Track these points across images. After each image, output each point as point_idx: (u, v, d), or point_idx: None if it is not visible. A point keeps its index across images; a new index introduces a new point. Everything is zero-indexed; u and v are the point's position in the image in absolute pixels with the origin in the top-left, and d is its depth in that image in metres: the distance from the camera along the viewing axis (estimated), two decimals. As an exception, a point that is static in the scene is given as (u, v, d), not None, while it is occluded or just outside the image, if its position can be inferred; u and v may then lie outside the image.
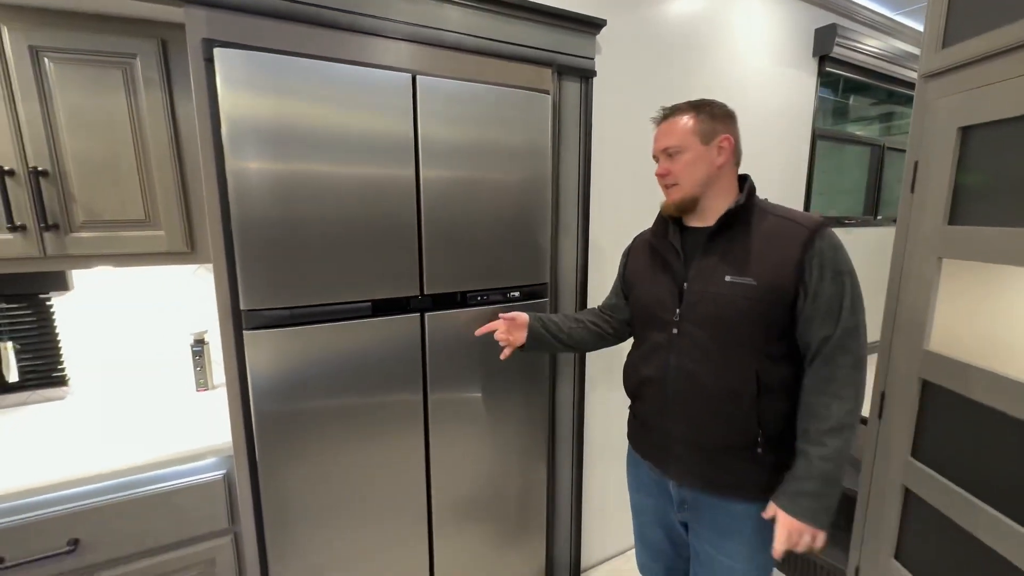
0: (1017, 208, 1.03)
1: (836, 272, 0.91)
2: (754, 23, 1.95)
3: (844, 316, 0.90)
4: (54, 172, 1.06)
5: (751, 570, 1.04)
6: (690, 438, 1.02)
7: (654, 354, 1.06)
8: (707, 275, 0.98)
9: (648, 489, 1.19)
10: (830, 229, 0.95)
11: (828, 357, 0.92)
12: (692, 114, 1.00)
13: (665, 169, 1.01)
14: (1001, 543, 1.05)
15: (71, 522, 1.04)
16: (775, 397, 0.96)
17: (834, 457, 0.90)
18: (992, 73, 1.07)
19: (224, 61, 0.97)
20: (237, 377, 1.12)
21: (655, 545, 1.24)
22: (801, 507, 0.91)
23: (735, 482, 1.00)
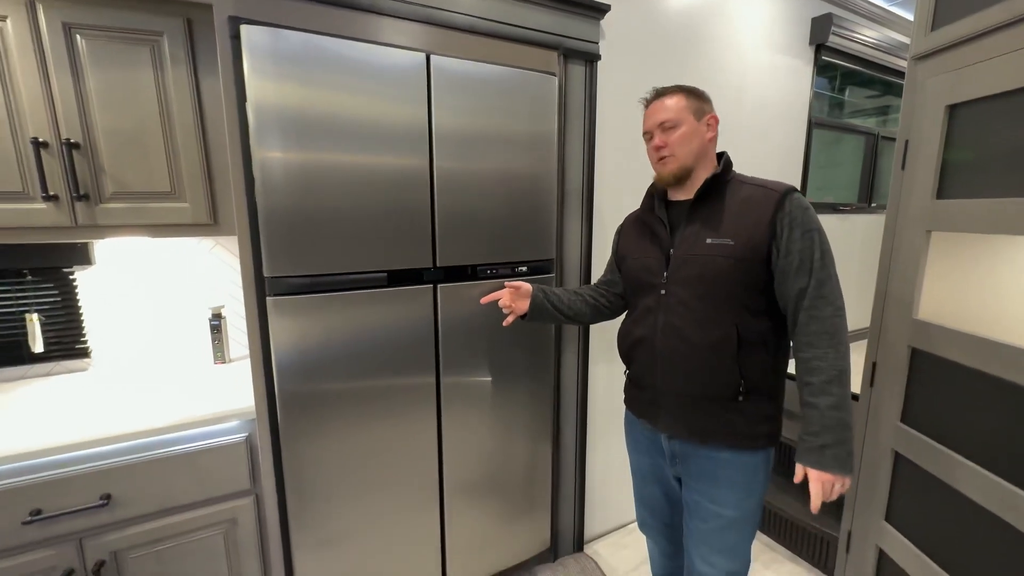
0: (1000, 181, 1.09)
1: (805, 229, 0.98)
2: (752, 12, 2.01)
3: (816, 268, 0.98)
4: (85, 144, 1.11)
5: (739, 517, 1.10)
6: (678, 390, 1.09)
7: (645, 316, 1.14)
8: (690, 240, 1.07)
9: (644, 448, 1.27)
10: (798, 192, 1.02)
11: (810, 310, 0.98)
12: (683, 94, 1.09)
13: (663, 141, 1.08)
14: (979, 493, 1.11)
15: (103, 478, 1.09)
16: (754, 349, 1.03)
17: (841, 403, 0.96)
18: (977, 53, 1.13)
19: (250, 37, 1.02)
20: (259, 342, 1.17)
21: (652, 501, 1.31)
22: (827, 459, 0.96)
23: (721, 430, 1.07)
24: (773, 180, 1.07)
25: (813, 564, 1.82)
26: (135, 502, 1.12)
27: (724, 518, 1.10)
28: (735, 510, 1.09)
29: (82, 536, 1.09)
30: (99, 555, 1.10)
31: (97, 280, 1.45)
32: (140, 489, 1.12)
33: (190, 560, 1.20)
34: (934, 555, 1.24)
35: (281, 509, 1.27)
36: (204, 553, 1.21)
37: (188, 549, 1.19)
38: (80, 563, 1.09)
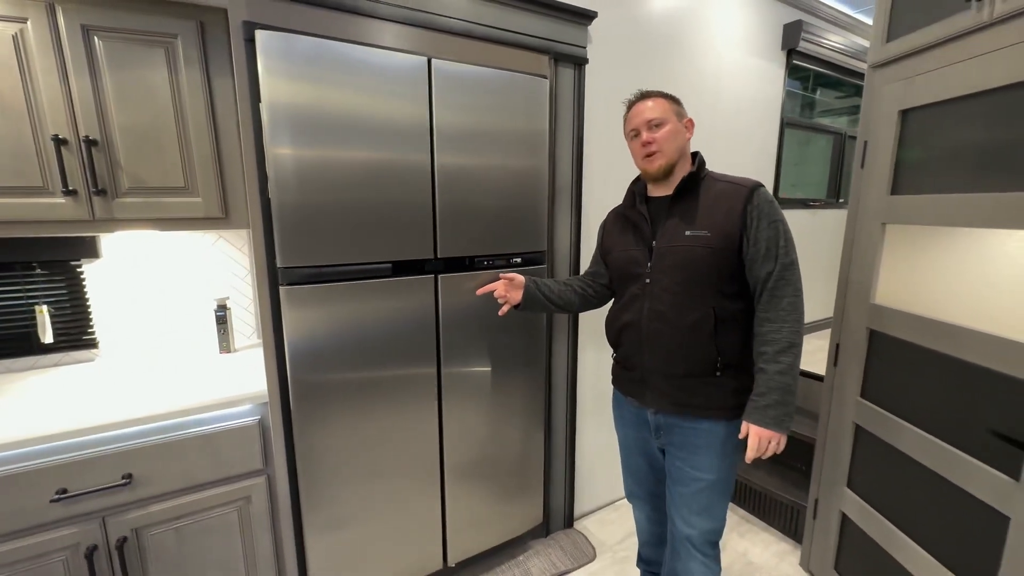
0: (943, 178, 1.23)
1: (771, 220, 1.10)
2: (728, 19, 2.13)
3: (780, 254, 1.09)
4: (103, 142, 1.16)
5: (717, 480, 1.22)
6: (663, 369, 1.19)
7: (632, 303, 1.24)
8: (671, 233, 1.17)
9: (630, 423, 1.39)
10: (764, 187, 1.14)
11: (773, 291, 1.10)
12: (665, 98, 1.20)
13: (651, 138, 1.17)
14: (926, 456, 1.26)
15: (125, 459, 1.15)
16: (729, 329, 1.15)
17: (788, 371, 1.08)
18: (925, 63, 1.26)
19: (264, 41, 1.09)
20: (272, 329, 1.24)
21: (638, 472, 1.43)
22: (768, 417, 1.09)
23: (701, 403, 1.18)
24: (741, 176, 1.19)
25: (785, 533, 1.97)
26: (155, 481, 1.18)
27: (703, 481, 1.22)
28: (712, 474, 1.21)
29: (105, 514, 1.14)
30: (121, 532, 1.16)
31: (104, 273, 1.50)
32: (159, 469, 1.18)
33: (207, 536, 1.26)
34: (888, 514, 1.39)
35: (293, 489, 1.34)
36: (220, 529, 1.28)
37: (205, 526, 1.26)
38: (103, 540, 1.15)
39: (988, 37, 1.10)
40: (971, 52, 1.13)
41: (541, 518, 1.86)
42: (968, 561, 1.15)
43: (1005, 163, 1.08)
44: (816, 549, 1.72)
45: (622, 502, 2.18)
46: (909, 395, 1.33)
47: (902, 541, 1.32)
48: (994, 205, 1.08)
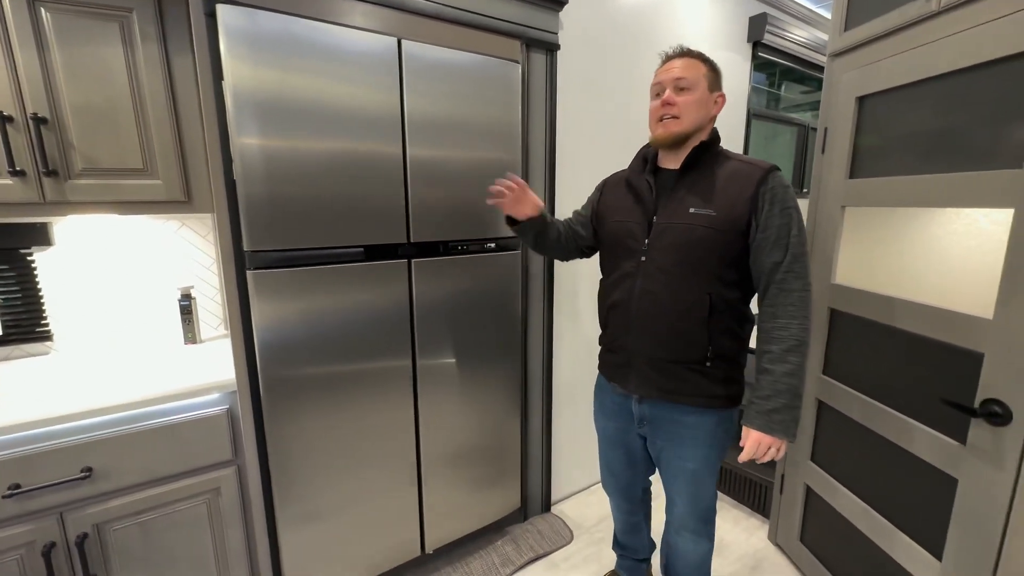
0: (897, 161, 1.29)
1: (784, 206, 1.02)
2: (695, 10, 2.17)
3: (793, 243, 1.02)
4: (53, 120, 1.10)
5: (703, 467, 1.19)
6: (650, 354, 1.13)
7: (623, 280, 1.16)
8: (674, 208, 1.09)
9: (611, 413, 1.33)
10: (780, 171, 1.06)
11: (782, 283, 1.03)
12: (705, 62, 1.10)
13: (672, 99, 1.06)
14: (878, 424, 1.32)
15: (84, 451, 1.10)
16: (723, 316, 1.08)
17: (797, 372, 1.02)
18: (881, 51, 1.32)
19: (225, 17, 1.05)
20: (240, 316, 1.21)
21: (615, 465, 1.40)
22: (774, 422, 1.02)
23: (688, 391, 1.12)
24: (757, 158, 1.11)
25: (754, 509, 2.04)
26: (117, 474, 1.14)
27: (688, 470, 1.19)
28: (697, 463, 1.18)
29: (63, 510, 1.10)
30: (81, 528, 1.12)
31: (58, 262, 1.43)
32: (122, 462, 1.14)
33: (175, 530, 1.22)
34: (849, 484, 1.46)
35: (264, 480, 1.31)
36: (188, 523, 1.24)
37: (172, 519, 1.22)
38: (62, 536, 1.10)
39: (936, 25, 1.15)
40: (921, 40, 1.19)
41: (519, 503, 1.88)
42: (921, 523, 1.22)
43: (951, 146, 1.14)
44: (783, 523, 1.78)
45: (599, 486, 2.21)
46: (867, 369, 1.39)
47: (861, 509, 1.39)
48: (941, 186, 1.14)
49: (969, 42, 1.06)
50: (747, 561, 1.76)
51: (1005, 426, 1.00)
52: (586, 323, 2.03)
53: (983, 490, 1.05)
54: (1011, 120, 1.00)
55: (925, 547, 1.20)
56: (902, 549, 1.26)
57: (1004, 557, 1.02)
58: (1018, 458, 0.98)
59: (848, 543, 1.46)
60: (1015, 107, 0.99)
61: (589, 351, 2.05)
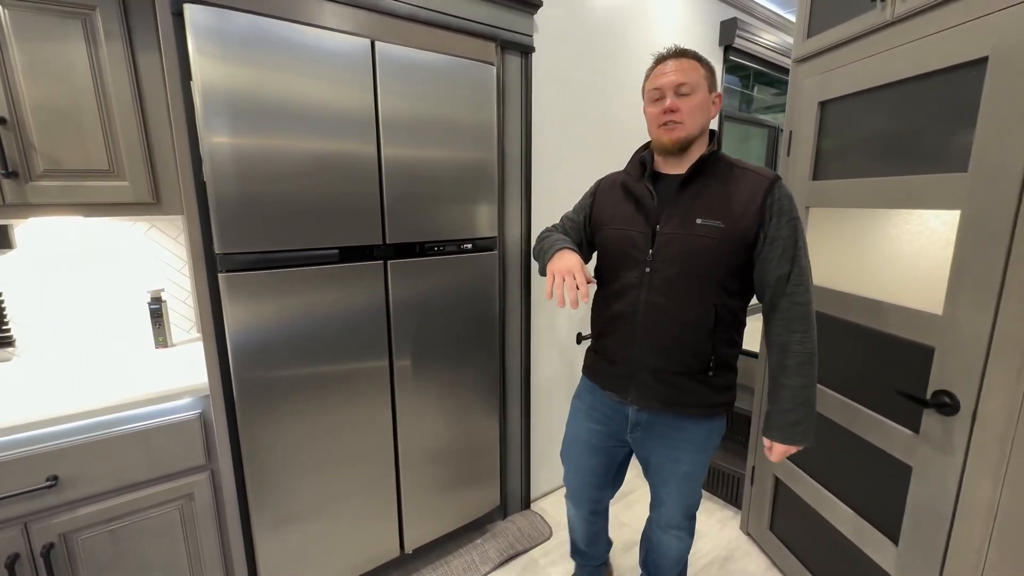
0: (856, 164, 1.34)
1: (790, 217, 1.02)
2: (668, 13, 2.22)
3: (799, 256, 1.02)
4: (12, 120, 1.07)
5: (696, 469, 1.21)
6: (654, 365, 1.11)
7: (626, 292, 1.12)
8: (680, 217, 1.06)
9: (600, 416, 1.27)
10: (782, 181, 1.05)
11: (791, 296, 1.03)
12: (701, 63, 1.05)
13: (676, 106, 1.03)
14: (840, 415, 1.38)
15: (49, 460, 1.08)
16: (726, 327, 1.09)
17: (811, 384, 1.05)
18: (841, 58, 1.37)
19: (193, 17, 1.03)
20: (212, 319, 1.19)
21: (585, 472, 1.34)
22: (796, 434, 1.07)
23: (689, 400, 1.12)
24: (759, 165, 1.09)
25: (727, 501, 2.10)
26: (84, 482, 1.11)
27: (680, 473, 1.21)
28: (691, 466, 1.20)
29: (27, 520, 1.07)
30: (47, 538, 1.09)
31: (19, 266, 1.38)
32: (90, 469, 1.12)
33: (146, 537, 1.20)
34: (814, 474, 1.52)
35: (239, 484, 1.30)
36: (160, 529, 1.22)
37: (143, 526, 1.20)
38: (26, 547, 1.07)
39: (890, 35, 1.21)
40: (876, 49, 1.24)
41: (498, 501, 1.89)
42: (880, 509, 1.28)
43: (904, 150, 1.19)
44: (754, 513, 1.84)
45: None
46: (830, 364, 1.44)
47: (825, 497, 1.45)
48: (895, 188, 1.19)
49: (919, 52, 1.12)
50: (720, 552, 1.81)
51: (953, 415, 1.06)
52: (563, 322, 2.05)
53: (934, 476, 1.11)
54: (957, 127, 1.06)
55: (883, 532, 1.26)
56: (863, 535, 1.32)
57: (954, 539, 1.08)
58: (965, 445, 1.04)
59: (814, 531, 1.52)
60: (960, 115, 1.04)
61: (566, 349, 2.08)
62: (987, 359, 1.00)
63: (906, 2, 1.14)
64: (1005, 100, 0.95)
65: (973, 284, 1.02)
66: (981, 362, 1.01)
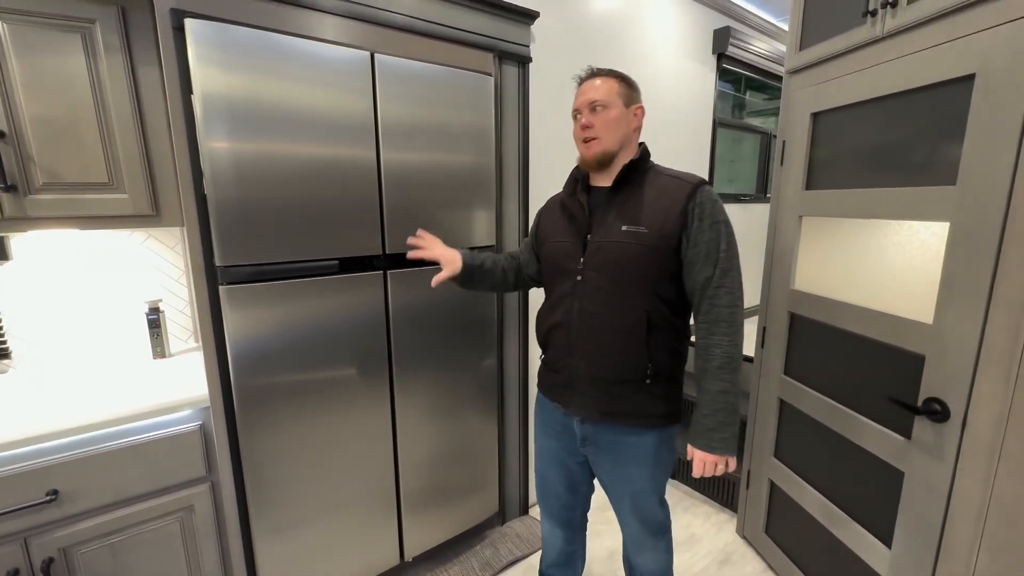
0: (847, 175, 1.37)
1: (713, 221, 1.03)
2: (663, 22, 2.25)
3: (721, 258, 1.03)
4: (11, 134, 1.07)
5: (648, 487, 1.18)
6: (592, 374, 1.12)
7: (561, 302, 1.15)
8: (607, 226, 1.09)
9: (553, 432, 1.28)
10: (709, 185, 1.07)
11: (713, 299, 1.03)
12: (616, 79, 1.10)
13: (590, 122, 1.08)
14: (827, 418, 1.41)
15: (49, 474, 1.07)
16: (662, 334, 1.08)
17: (731, 388, 1.03)
18: (832, 71, 1.40)
19: (196, 32, 1.04)
20: (212, 332, 1.19)
21: (552, 486, 1.33)
22: (715, 441, 1.04)
23: (630, 411, 1.11)
24: (687, 172, 1.11)
25: (723, 504, 2.12)
26: (85, 496, 1.11)
27: (632, 491, 1.18)
28: (646, 481, 1.17)
29: (27, 535, 1.06)
30: (47, 553, 1.08)
31: (15, 277, 1.37)
32: (89, 483, 1.11)
33: (147, 550, 1.20)
34: (808, 478, 1.54)
35: (239, 495, 1.30)
36: (160, 542, 1.22)
37: (143, 539, 1.19)
38: (25, 562, 1.07)
39: (881, 49, 1.23)
40: (867, 63, 1.27)
41: (497, 507, 1.90)
42: (873, 513, 1.31)
43: (894, 162, 1.22)
44: (749, 516, 1.87)
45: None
46: (823, 370, 1.48)
47: (819, 501, 1.47)
48: (885, 199, 1.22)
49: (909, 67, 1.15)
50: (717, 555, 1.83)
51: (944, 423, 1.09)
52: (561, 328, 2.07)
53: (926, 481, 1.14)
54: (946, 141, 1.08)
55: (877, 536, 1.29)
56: (857, 538, 1.34)
57: (945, 543, 1.11)
58: (955, 452, 1.07)
59: (809, 534, 1.54)
60: (949, 129, 1.07)
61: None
62: (976, 368, 1.03)
63: (896, 19, 1.17)
64: (992, 116, 0.98)
65: (962, 294, 1.04)
66: (971, 371, 1.03)
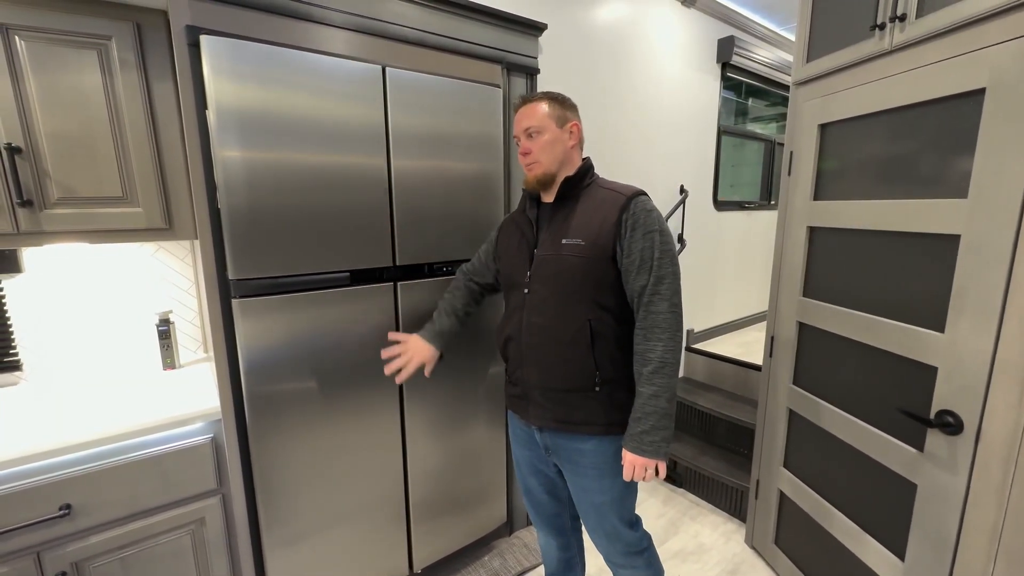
0: (856, 186, 1.37)
1: (647, 231, 1.05)
2: (668, 33, 2.26)
3: (655, 267, 1.05)
4: (28, 149, 1.08)
5: (610, 500, 1.17)
6: (543, 384, 1.15)
7: (513, 314, 1.20)
8: (550, 240, 1.13)
9: (523, 441, 1.32)
10: (645, 196, 1.10)
11: (648, 305, 1.06)
12: (547, 101, 1.14)
13: (527, 148, 1.12)
14: (840, 430, 1.41)
15: (62, 488, 1.07)
16: (607, 343, 1.10)
17: (662, 393, 1.04)
18: (840, 83, 1.41)
19: (211, 48, 1.05)
20: (224, 344, 1.20)
21: (534, 494, 1.37)
22: (644, 444, 1.05)
23: (581, 418, 1.14)
24: (626, 184, 1.14)
25: (731, 514, 2.11)
26: (97, 510, 1.11)
27: (595, 503, 1.18)
28: (604, 495, 1.17)
29: (40, 549, 1.06)
30: (59, 567, 1.08)
31: (27, 289, 1.38)
32: (102, 497, 1.11)
33: (158, 563, 1.20)
34: (818, 489, 1.54)
35: (250, 507, 1.30)
36: (172, 555, 1.22)
37: (155, 552, 1.19)
38: (38, 577, 1.07)
39: (889, 63, 1.24)
40: (875, 75, 1.28)
41: (505, 517, 1.90)
42: (885, 525, 1.30)
43: (904, 174, 1.22)
44: (758, 526, 1.86)
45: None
46: (833, 380, 1.47)
47: (830, 512, 1.47)
48: (896, 211, 1.22)
49: (918, 81, 1.15)
50: (726, 566, 1.83)
51: (957, 435, 1.08)
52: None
53: (939, 494, 1.13)
54: (956, 153, 1.09)
55: (889, 548, 1.28)
56: (869, 551, 1.34)
57: (959, 556, 1.10)
58: (969, 465, 1.07)
59: (819, 545, 1.54)
60: (959, 142, 1.08)
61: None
62: (990, 380, 1.03)
63: (905, 32, 1.18)
64: (1003, 130, 0.98)
65: (975, 307, 1.04)
66: (984, 383, 1.03)
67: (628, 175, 1.31)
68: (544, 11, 1.75)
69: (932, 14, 1.11)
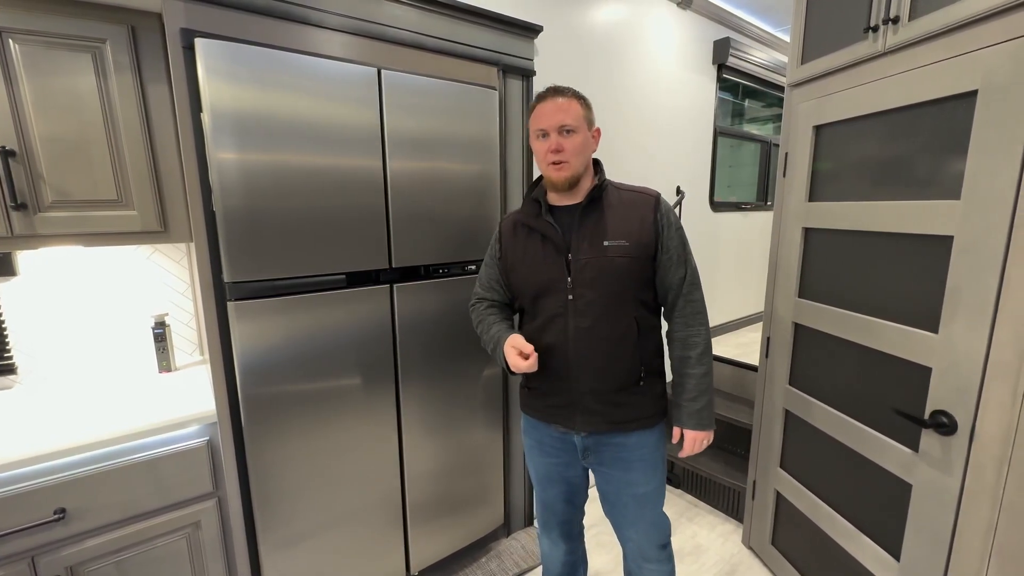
0: (851, 187, 1.38)
1: (677, 227, 1.16)
2: (664, 35, 2.27)
3: (689, 259, 1.17)
4: (22, 152, 1.07)
5: (651, 489, 1.22)
6: (594, 387, 1.15)
7: (552, 323, 1.15)
8: (588, 243, 1.12)
9: (550, 450, 1.28)
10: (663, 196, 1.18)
11: (688, 296, 1.16)
12: (580, 101, 1.11)
13: (561, 146, 1.07)
14: (835, 430, 1.41)
15: (56, 492, 1.07)
16: (647, 337, 1.17)
17: (710, 371, 1.17)
18: (834, 85, 1.41)
19: (205, 51, 1.05)
20: (220, 347, 1.19)
21: (554, 504, 1.34)
22: (704, 419, 1.17)
23: (630, 415, 1.17)
24: (639, 185, 1.19)
25: (728, 514, 2.12)
26: (92, 514, 1.11)
27: (638, 495, 1.21)
28: (648, 485, 1.21)
29: (35, 553, 1.06)
30: (54, 571, 1.08)
31: (21, 292, 1.38)
32: (97, 500, 1.11)
33: (153, 567, 1.20)
34: (814, 489, 1.54)
35: (246, 510, 1.30)
36: (167, 558, 1.21)
37: (151, 556, 1.19)
38: (33, 581, 1.07)
39: (883, 65, 1.25)
40: (869, 77, 1.28)
41: (502, 519, 1.90)
42: (881, 525, 1.31)
43: (898, 176, 1.23)
44: (755, 526, 1.86)
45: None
46: (828, 381, 1.48)
47: (826, 512, 1.47)
48: (890, 212, 1.23)
49: (911, 83, 1.16)
50: (723, 566, 1.83)
51: (951, 435, 1.09)
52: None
53: (934, 494, 1.14)
54: (949, 155, 1.09)
55: (885, 548, 1.28)
56: (864, 550, 1.34)
57: (954, 555, 1.11)
58: (963, 465, 1.07)
59: (816, 546, 1.54)
60: (952, 143, 1.08)
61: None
62: (983, 380, 1.03)
63: (898, 35, 1.18)
64: (995, 132, 0.99)
65: (968, 308, 1.05)
66: (978, 383, 1.04)
67: (625, 177, 1.31)
68: (540, 13, 1.76)
69: (924, 16, 1.12)
